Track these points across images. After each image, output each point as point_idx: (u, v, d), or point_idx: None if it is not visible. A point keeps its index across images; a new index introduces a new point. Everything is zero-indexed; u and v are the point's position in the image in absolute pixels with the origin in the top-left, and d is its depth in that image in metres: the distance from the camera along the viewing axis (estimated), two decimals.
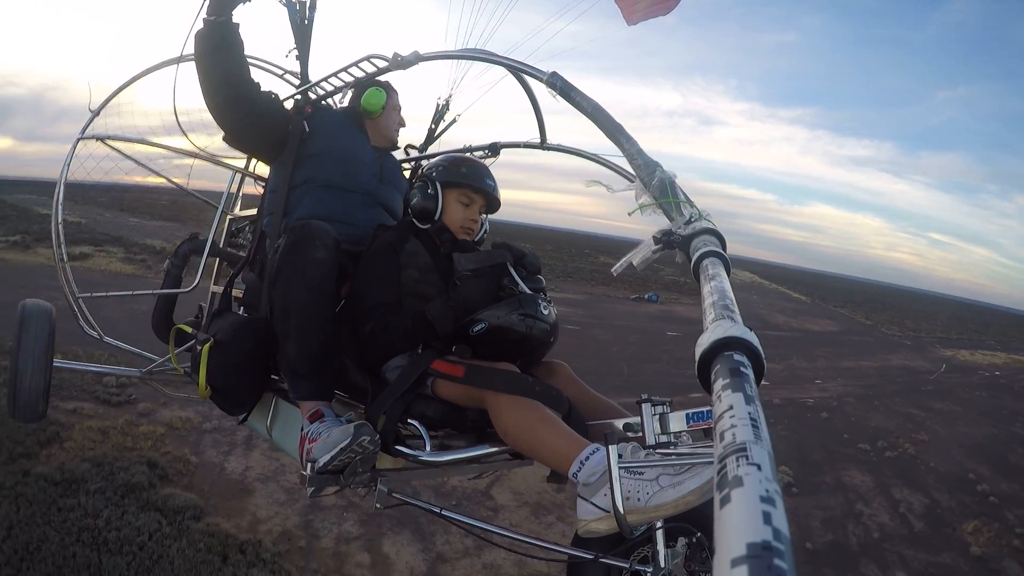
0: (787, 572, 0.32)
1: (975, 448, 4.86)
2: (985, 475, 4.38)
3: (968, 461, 4.55)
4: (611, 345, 7.64)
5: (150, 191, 2.52)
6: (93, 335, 2.51)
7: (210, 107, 1.83)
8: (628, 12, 2.02)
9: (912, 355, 11.91)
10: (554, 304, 1.68)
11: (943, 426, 5.30)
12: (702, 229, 0.98)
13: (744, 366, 0.54)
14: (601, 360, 6.80)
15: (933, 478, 4.20)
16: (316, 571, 2.76)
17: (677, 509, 1.13)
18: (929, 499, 3.96)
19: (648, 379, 6.45)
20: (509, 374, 1.44)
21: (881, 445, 4.73)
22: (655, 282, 16.89)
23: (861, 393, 6.27)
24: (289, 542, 2.94)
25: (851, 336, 11.46)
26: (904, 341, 15.52)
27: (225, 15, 1.75)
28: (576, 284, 14.65)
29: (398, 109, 2.17)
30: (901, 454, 4.62)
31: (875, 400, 6.01)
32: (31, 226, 13.17)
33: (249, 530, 2.96)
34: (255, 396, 1.77)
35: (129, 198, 18.90)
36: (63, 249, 2.38)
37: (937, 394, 7.28)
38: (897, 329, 18.19)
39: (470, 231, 1.81)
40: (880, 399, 6.04)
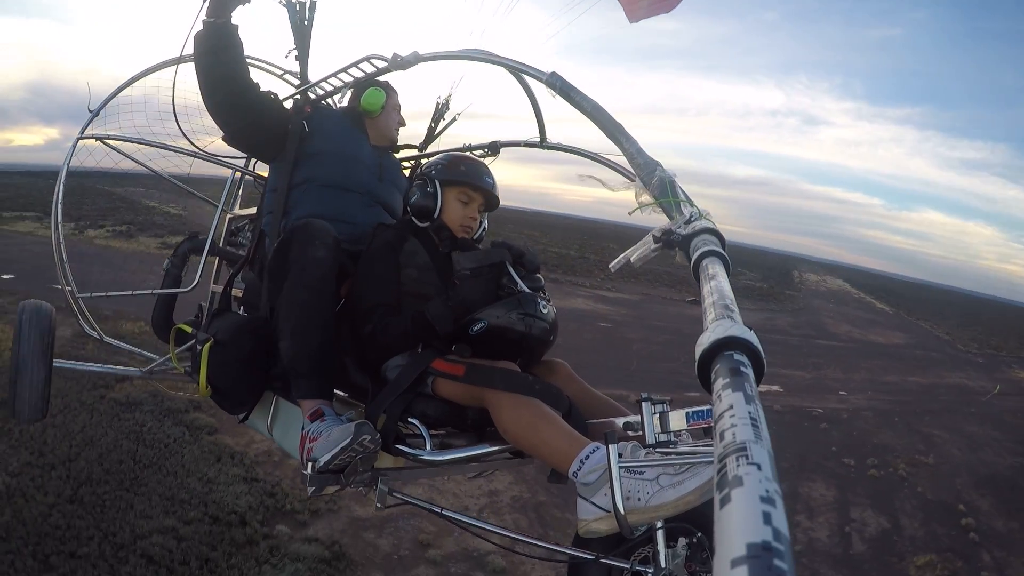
0: (787, 572, 0.32)
1: (987, 478, 4.48)
2: (980, 509, 3.95)
3: (969, 491, 4.19)
4: (635, 343, 7.47)
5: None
6: (94, 335, 2.51)
7: (209, 107, 1.83)
8: (630, 9, 2.02)
9: (976, 374, 10.87)
10: (552, 302, 1.68)
11: (963, 451, 4.95)
12: (702, 228, 0.98)
13: (744, 365, 0.54)
14: (616, 356, 6.73)
15: (912, 504, 3.86)
16: (273, 472, 3.69)
17: (677, 509, 1.13)
18: (892, 524, 3.59)
19: (654, 376, 6.32)
20: (509, 372, 1.44)
21: (870, 463, 4.45)
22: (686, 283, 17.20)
23: (885, 408, 5.92)
24: (268, 457, 4.05)
25: (916, 350, 10.69)
26: (976, 359, 14.14)
27: (224, 17, 1.75)
28: (637, 285, 14.35)
29: (398, 109, 2.18)
30: (888, 474, 4.32)
31: (896, 417, 5.66)
32: (136, 217, 14.76)
33: (244, 446, 4.09)
34: (255, 395, 1.77)
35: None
36: (63, 249, 2.38)
37: (978, 417, 6.51)
38: (976, 346, 16.69)
39: (469, 229, 1.81)
40: (904, 416, 5.70)
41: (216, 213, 2.43)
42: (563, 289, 11.75)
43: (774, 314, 12.14)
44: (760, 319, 11.21)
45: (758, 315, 11.80)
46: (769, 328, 10.14)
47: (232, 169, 2.58)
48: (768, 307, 13.24)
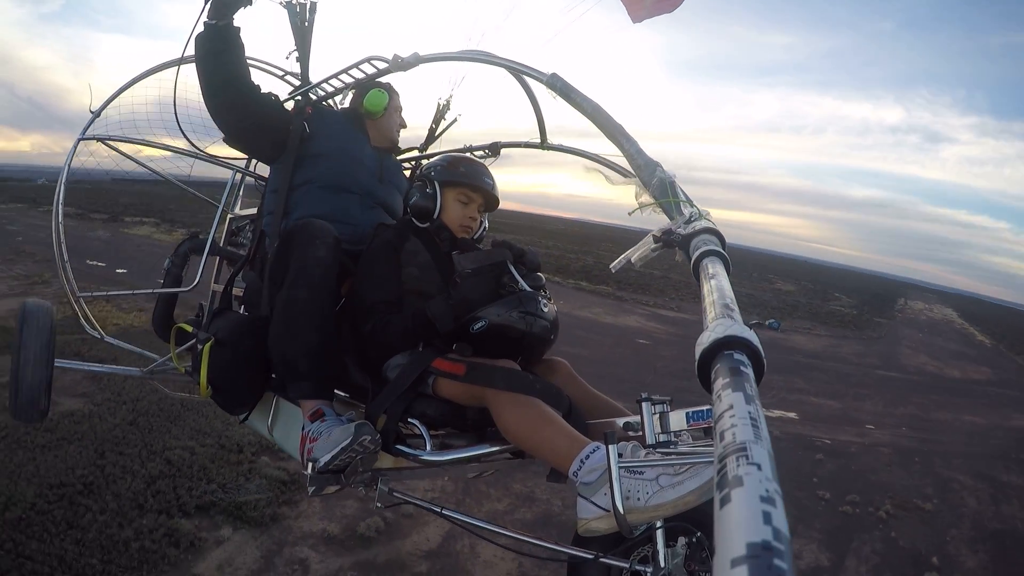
0: (787, 572, 0.32)
1: (995, 534, 3.79)
2: (961, 566, 3.33)
3: (959, 545, 3.56)
4: (663, 360, 7.15)
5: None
6: (94, 335, 2.52)
7: (210, 109, 1.84)
8: (633, 9, 2.02)
9: None
10: (553, 301, 1.69)
11: (982, 501, 4.28)
12: (702, 228, 0.98)
13: (744, 365, 0.55)
14: (636, 370, 6.41)
15: (874, 548, 3.32)
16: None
17: (676, 509, 1.13)
18: (830, 564, 3.06)
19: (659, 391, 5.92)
20: (510, 371, 1.44)
21: (850, 499, 3.87)
22: (787, 309, 15.39)
23: (910, 446, 5.28)
24: None
25: (993, 388, 9.31)
26: None
27: (226, 19, 1.76)
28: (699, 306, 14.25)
29: (399, 110, 2.18)
30: (864, 514, 3.73)
31: (918, 456, 5.01)
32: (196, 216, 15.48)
33: None
34: (256, 395, 1.77)
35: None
36: (63, 248, 2.38)
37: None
38: None
39: (469, 229, 1.82)
40: (928, 456, 5.07)
41: (217, 213, 2.43)
42: (623, 307, 11.33)
43: (844, 341, 11.44)
44: (823, 345, 10.51)
45: (823, 341, 11.05)
46: (828, 355, 9.55)
47: (233, 170, 2.59)
48: (842, 334, 12.48)
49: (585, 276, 14.81)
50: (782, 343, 9.94)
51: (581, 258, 19.04)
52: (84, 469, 2.72)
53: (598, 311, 10.15)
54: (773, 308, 14.72)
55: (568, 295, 11.48)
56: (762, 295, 17.46)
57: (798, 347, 9.88)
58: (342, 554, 2.31)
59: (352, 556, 2.30)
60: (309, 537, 2.39)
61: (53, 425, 3.14)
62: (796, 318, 13.88)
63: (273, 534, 2.39)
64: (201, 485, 2.74)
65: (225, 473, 2.91)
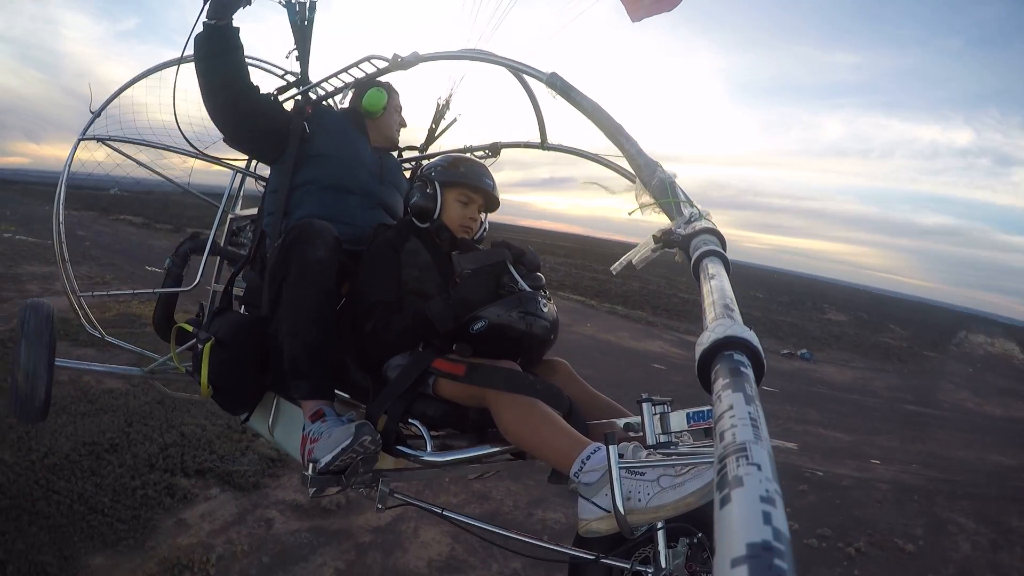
0: (787, 572, 0.32)
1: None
2: None
3: None
4: (671, 385, 6.93)
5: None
6: (95, 334, 2.52)
7: (209, 110, 1.84)
8: (632, 8, 2.02)
9: None
10: (553, 301, 1.68)
11: (979, 548, 3.90)
12: (702, 228, 0.98)
13: (744, 366, 0.54)
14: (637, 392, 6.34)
15: None
16: None
17: (677, 510, 1.13)
18: None
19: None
20: (510, 372, 1.44)
21: (821, 532, 3.62)
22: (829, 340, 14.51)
23: (914, 484, 4.86)
24: None
25: None
26: None
27: (226, 19, 1.76)
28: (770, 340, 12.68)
29: (399, 109, 2.18)
30: (831, 549, 3.48)
31: (918, 495, 4.61)
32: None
33: None
34: (256, 395, 1.77)
35: None
36: (64, 248, 2.38)
37: None
38: None
39: (469, 229, 1.82)
40: (931, 496, 4.65)
41: (217, 213, 2.43)
42: (651, 331, 10.82)
43: (879, 374, 10.84)
44: (855, 378, 9.95)
45: (857, 374, 10.45)
46: (856, 388, 9.07)
47: (233, 170, 2.59)
48: (880, 367, 11.81)
49: (623, 301, 14.39)
50: (810, 374, 9.51)
51: (627, 283, 18.37)
52: (112, 433, 3.25)
53: (623, 335, 9.82)
54: (813, 339, 14.00)
55: (599, 319, 11.17)
56: (807, 325, 16.70)
57: (826, 379, 9.44)
58: (303, 519, 2.66)
59: (311, 522, 2.65)
60: (280, 503, 2.78)
61: (94, 397, 3.72)
62: (836, 349, 13.17)
63: (252, 497, 2.80)
64: (204, 455, 3.17)
65: (226, 447, 3.31)
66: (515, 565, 2.47)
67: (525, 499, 3.40)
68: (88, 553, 2.15)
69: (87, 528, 2.28)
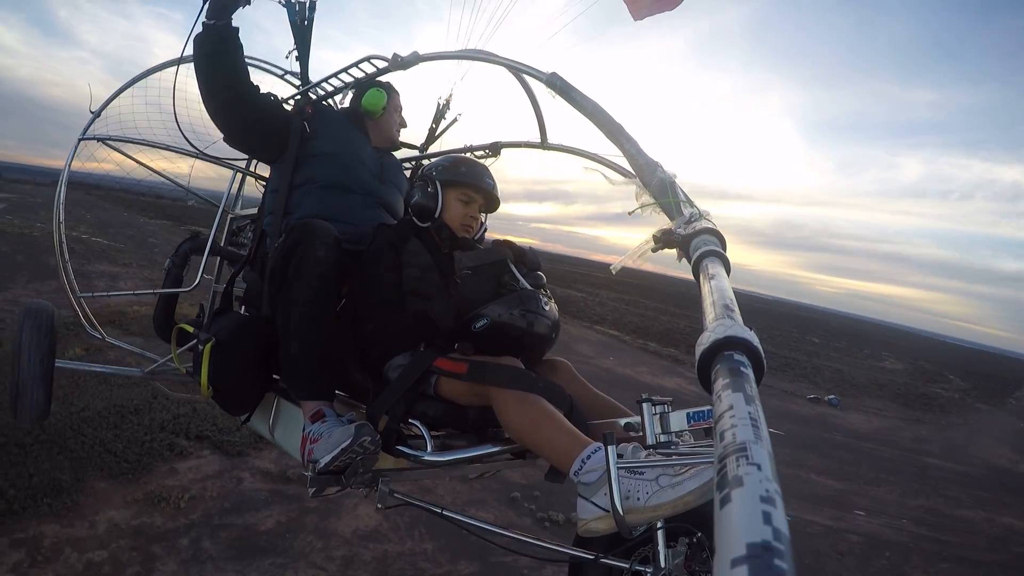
0: (787, 572, 0.32)
1: None
2: None
3: None
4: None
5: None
6: (96, 335, 2.52)
7: (209, 110, 1.84)
8: (634, 7, 2.02)
9: None
10: (554, 299, 1.69)
11: None
12: (702, 229, 0.98)
13: (744, 366, 0.55)
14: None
15: None
16: None
17: (676, 509, 1.13)
18: None
19: None
20: (513, 369, 1.44)
21: None
22: (869, 388, 13.62)
23: (892, 540, 4.48)
24: None
25: None
26: None
27: (225, 19, 1.76)
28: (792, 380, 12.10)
29: (399, 109, 2.18)
30: None
31: (891, 551, 4.22)
32: None
33: None
34: (257, 396, 1.77)
35: None
36: (64, 249, 2.38)
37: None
38: None
39: (469, 228, 1.82)
40: (906, 554, 4.25)
41: (217, 213, 2.44)
42: (675, 369, 9.95)
43: (911, 424, 10.21)
44: (881, 427, 9.33)
45: (885, 423, 9.74)
46: (877, 438, 8.52)
47: (234, 170, 2.59)
48: (915, 417, 11.10)
49: (659, 338, 13.69)
50: (830, 420, 8.96)
51: (673, 321, 17.72)
52: (139, 401, 3.71)
53: (642, 370, 9.42)
54: (854, 385, 13.23)
55: (625, 353, 10.69)
56: (853, 371, 15.73)
57: (846, 426, 8.87)
58: (267, 483, 3.11)
59: (273, 485, 3.09)
60: (254, 469, 3.25)
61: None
62: (875, 397, 12.39)
63: (234, 461, 3.27)
64: (206, 425, 3.60)
65: (226, 422, 3.63)
66: (427, 546, 2.72)
67: (465, 498, 3.42)
68: (96, 480, 2.73)
69: (100, 463, 2.88)
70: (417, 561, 2.50)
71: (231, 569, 2.22)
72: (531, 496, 3.57)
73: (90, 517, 2.40)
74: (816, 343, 23.07)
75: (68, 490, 2.52)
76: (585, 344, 9.99)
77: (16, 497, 2.38)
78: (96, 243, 9.21)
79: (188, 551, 2.30)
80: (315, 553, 2.40)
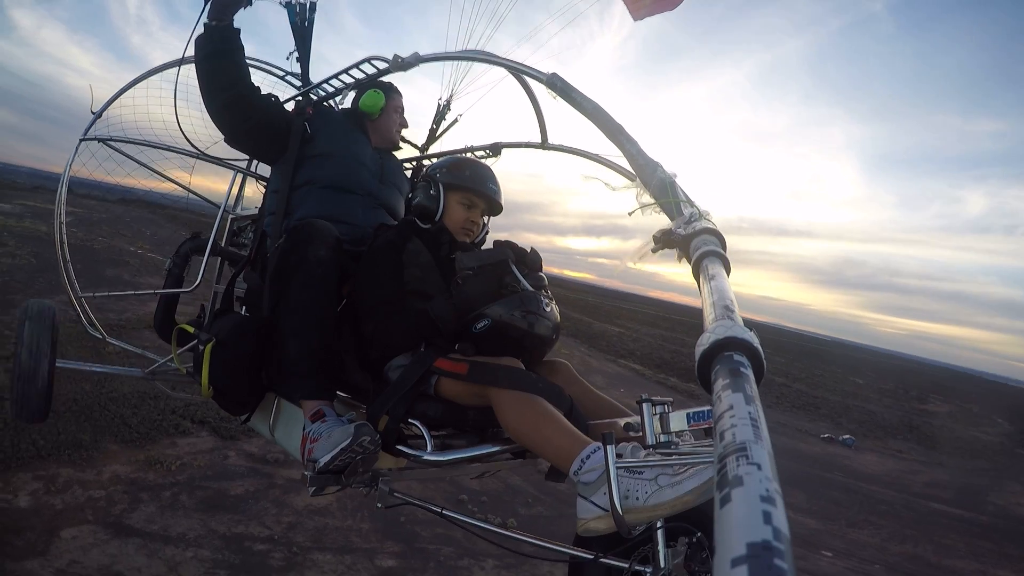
0: (787, 572, 0.32)
1: None
2: None
3: None
4: None
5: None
6: (96, 335, 2.52)
7: (210, 111, 1.84)
8: (634, 7, 2.02)
9: None
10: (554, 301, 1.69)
11: None
12: (702, 229, 0.98)
13: (744, 366, 0.55)
14: None
15: None
16: None
17: (675, 509, 1.13)
18: None
19: None
20: (513, 369, 1.44)
21: None
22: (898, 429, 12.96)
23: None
24: None
25: None
26: None
27: (226, 20, 1.76)
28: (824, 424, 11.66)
29: (399, 110, 2.18)
30: None
31: None
32: None
33: None
34: (257, 396, 1.77)
35: None
36: (65, 249, 2.38)
37: None
38: None
39: (469, 232, 1.82)
40: None
41: (218, 214, 2.44)
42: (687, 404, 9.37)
43: (930, 468, 9.50)
44: (893, 469, 8.60)
45: (900, 465, 8.93)
46: (883, 480, 7.85)
47: (234, 170, 2.59)
48: (937, 460, 10.32)
49: (682, 373, 12.93)
50: (837, 460, 8.53)
51: None
52: (160, 390, 3.80)
53: None
54: (881, 427, 12.65)
55: (637, 385, 10.28)
56: (888, 413, 14.95)
57: (854, 466, 8.42)
58: (248, 461, 3.51)
59: (253, 464, 3.48)
60: (241, 450, 3.63)
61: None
62: (900, 440, 11.83)
63: (227, 443, 3.67)
64: (211, 413, 3.96)
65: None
66: (364, 526, 2.99)
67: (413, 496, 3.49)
68: (109, 443, 3.25)
69: (116, 431, 3.40)
70: (350, 536, 2.80)
71: (196, 517, 2.66)
72: (479, 500, 3.71)
73: (99, 468, 2.93)
74: (859, 384, 21.79)
75: (86, 447, 3.06)
76: (600, 376, 9.80)
77: (44, 447, 2.93)
78: (151, 259, 9.41)
79: (167, 500, 2.79)
80: (268, 517, 2.81)
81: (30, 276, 6.50)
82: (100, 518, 2.45)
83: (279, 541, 2.57)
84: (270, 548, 2.49)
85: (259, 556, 2.40)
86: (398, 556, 2.69)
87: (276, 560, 2.41)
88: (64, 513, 2.43)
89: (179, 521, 2.57)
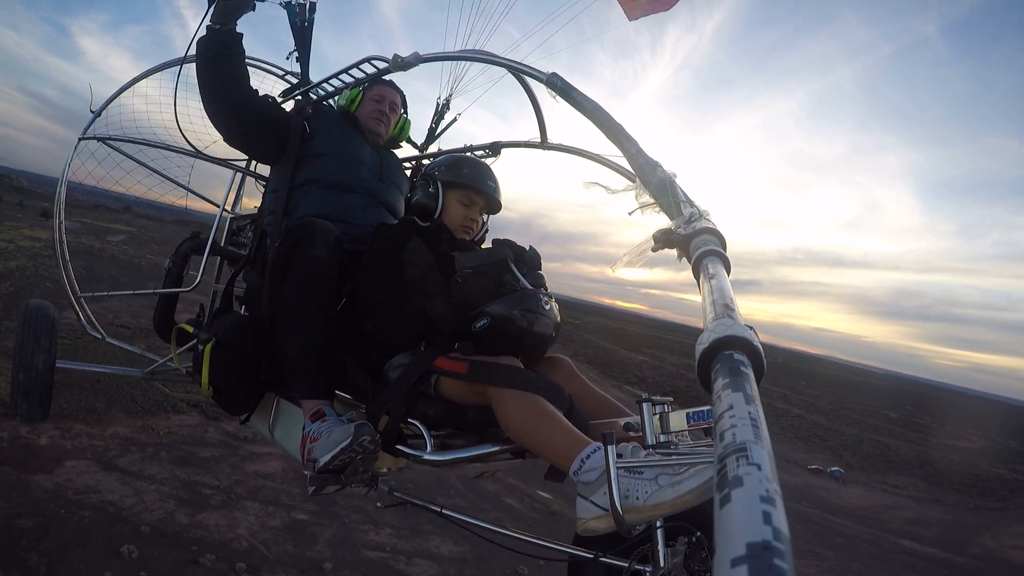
0: (787, 572, 0.32)
1: None
2: None
3: None
4: None
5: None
6: (96, 335, 2.52)
7: (209, 113, 1.84)
8: (629, 7, 2.02)
9: None
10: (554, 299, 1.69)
11: None
12: (702, 228, 0.98)
13: (744, 365, 0.55)
14: None
15: None
16: None
17: (675, 508, 1.13)
18: None
19: None
20: (513, 368, 1.44)
21: None
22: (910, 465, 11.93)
23: None
24: None
25: None
26: None
27: (230, 23, 1.76)
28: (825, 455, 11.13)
29: (377, 99, 2.14)
30: None
31: None
32: None
33: None
34: (257, 396, 1.77)
35: None
36: (65, 249, 2.38)
37: None
38: None
39: (469, 230, 1.82)
40: None
41: (218, 213, 2.44)
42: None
43: (927, 504, 8.70)
44: (879, 504, 7.98)
45: (891, 500, 8.28)
46: (861, 515, 7.22)
47: (234, 170, 2.59)
48: (938, 497, 9.47)
49: (694, 401, 12.02)
50: (815, 491, 8.13)
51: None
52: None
53: None
54: (890, 461, 11.88)
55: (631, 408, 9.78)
56: (905, 447, 13.98)
57: (831, 499, 7.96)
58: (225, 437, 4.00)
59: (224, 439, 3.96)
60: (220, 428, 4.13)
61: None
62: (904, 475, 11.12)
63: (211, 423, 4.17)
64: (206, 400, 3.76)
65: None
66: (295, 490, 3.37)
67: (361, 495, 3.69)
68: (117, 412, 3.89)
69: (124, 404, 4.04)
70: (280, 495, 3.31)
71: (167, 467, 3.27)
72: (404, 487, 3.89)
73: (104, 427, 3.63)
74: (891, 417, 20.26)
75: (98, 412, 3.77)
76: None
77: (66, 409, 3.62)
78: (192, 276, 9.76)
79: (149, 453, 3.43)
80: (221, 474, 3.39)
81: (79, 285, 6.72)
82: (96, 457, 3.13)
83: (223, 489, 3.18)
84: (214, 493, 3.11)
85: (204, 497, 3.03)
86: (312, 513, 3.16)
87: (215, 501, 3.01)
88: (70, 451, 3.10)
89: (153, 467, 3.22)
